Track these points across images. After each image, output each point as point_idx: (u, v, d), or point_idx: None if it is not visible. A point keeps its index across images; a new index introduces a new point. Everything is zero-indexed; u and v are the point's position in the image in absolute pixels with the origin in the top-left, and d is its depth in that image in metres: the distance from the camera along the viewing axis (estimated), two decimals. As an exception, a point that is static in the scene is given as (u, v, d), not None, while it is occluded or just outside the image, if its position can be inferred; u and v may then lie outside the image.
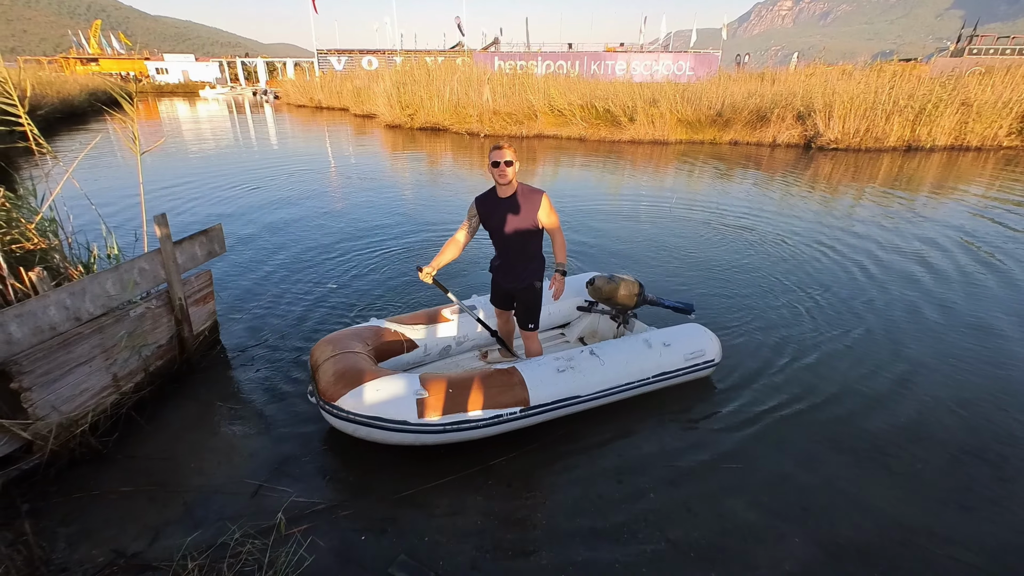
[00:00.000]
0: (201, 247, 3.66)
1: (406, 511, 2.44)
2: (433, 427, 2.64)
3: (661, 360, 3.17)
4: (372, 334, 3.26)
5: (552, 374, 2.90)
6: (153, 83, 47.55)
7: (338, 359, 2.89)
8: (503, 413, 2.74)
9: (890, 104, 13.72)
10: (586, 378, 2.95)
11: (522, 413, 2.79)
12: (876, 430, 3.04)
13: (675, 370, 3.21)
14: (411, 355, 3.40)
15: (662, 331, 3.37)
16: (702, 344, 3.33)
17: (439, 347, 3.51)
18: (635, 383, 3.11)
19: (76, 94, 24.45)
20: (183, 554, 2.10)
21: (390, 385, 2.68)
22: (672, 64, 29.63)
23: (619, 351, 3.13)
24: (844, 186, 9.82)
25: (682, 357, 3.21)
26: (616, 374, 3.04)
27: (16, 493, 2.42)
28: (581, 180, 10.40)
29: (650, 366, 3.13)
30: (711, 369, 3.38)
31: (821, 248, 6.28)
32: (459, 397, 2.70)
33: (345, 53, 38.28)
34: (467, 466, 2.71)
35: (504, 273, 3.04)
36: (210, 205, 8.02)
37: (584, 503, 2.51)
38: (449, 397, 2.68)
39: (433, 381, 2.73)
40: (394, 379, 2.72)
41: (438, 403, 2.66)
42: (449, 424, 2.66)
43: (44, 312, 2.57)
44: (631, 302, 3.42)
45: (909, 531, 2.36)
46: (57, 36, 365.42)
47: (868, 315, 4.52)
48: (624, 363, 3.08)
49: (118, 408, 2.98)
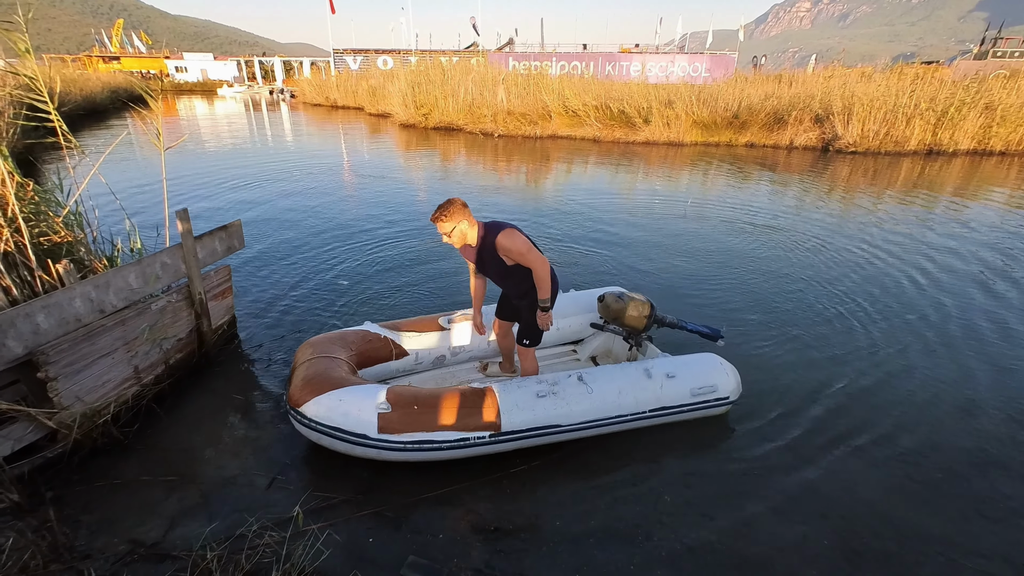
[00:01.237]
0: (221, 242, 3.71)
1: (421, 510, 2.45)
2: (393, 444, 2.50)
3: (662, 393, 2.82)
4: (359, 338, 3.15)
5: (530, 399, 2.66)
6: (173, 81, 48.30)
7: (312, 363, 2.79)
8: (470, 437, 2.54)
9: (911, 107, 13.49)
10: (569, 407, 2.68)
11: (492, 439, 2.58)
12: (906, 445, 2.97)
13: (678, 406, 2.86)
14: (400, 363, 3.25)
15: (669, 359, 3.05)
16: (714, 378, 2.92)
17: (432, 356, 3.36)
18: (628, 417, 2.79)
19: (98, 92, 24.94)
20: (202, 544, 2.13)
21: (354, 396, 2.56)
22: (688, 65, 29.43)
23: (612, 379, 2.82)
24: (870, 189, 9.66)
25: (688, 391, 2.85)
26: (605, 405, 2.74)
27: (41, 480, 2.47)
28: (595, 181, 10.36)
29: (648, 399, 2.80)
30: (725, 408, 3.00)
31: (864, 254, 6.08)
32: (424, 415, 2.53)
33: (361, 53, 38.58)
34: (486, 471, 2.67)
35: (501, 303, 3.16)
36: (227, 201, 8.13)
37: (598, 504, 2.51)
38: (413, 414, 2.52)
39: (400, 395, 2.58)
40: (359, 390, 2.60)
41: (401, 419, 2.50)
42: (410, 443, 2.50)
43: (70, 304, 2.63)
44: (640, 324, 3.15)
45: (930, 540, 2.32)
46: (80, 35, 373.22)
47: (926, 331, 4.28)
48: (616, 393, 2.76)
49: (139, 399, 3.03)
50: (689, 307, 4.70)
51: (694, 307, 4.71)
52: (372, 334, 3.20)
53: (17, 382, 2.58)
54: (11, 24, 2.99)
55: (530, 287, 2.75)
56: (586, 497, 2.55)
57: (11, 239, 2.74)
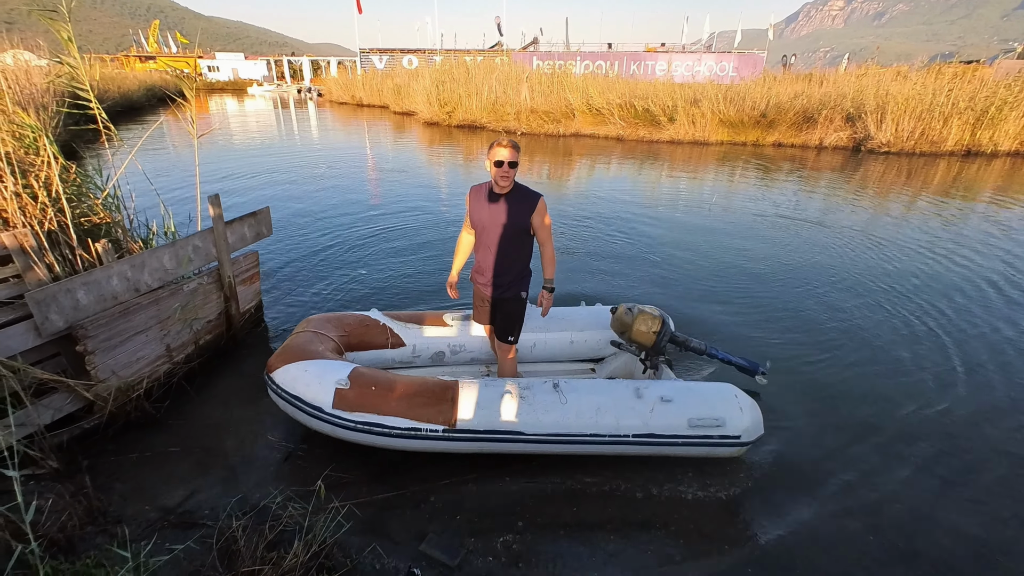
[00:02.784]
0: (250, 228, 3.80)
1: (441, 492, 2.48)
2: (345, 422, 2.45)
3: (650, 418, 2.46)
4: (356, 322, 3.15)
5: (493, 399, 2.47)
6: (205, 80, 49.63)
7: (299, 336, 2.86)
8: (422, 428, 2.42)
9: (948, 106, 13.04)
10: (535, 415, 2.44)
11: (445, 433, 2.43)
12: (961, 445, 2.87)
13: (670, 436, 2.48)
14: (396, 352, 3.21)
15: (672, 383, 2.67)
16: (721, 410, 2.49)
17: (431, 351, 3.27)
18: (606, 438, 2.47)
19: (135, 90, 25.77)
20: (228, 513, 2.19)
21: (319, 369, 2.56)
22: (715, 65, 28.98)
23: (592, 393, 2.54)
24: (915, 190, 9.37)
25: (685, 421, 2.46)
26: (579, 421, 2.45)
27: (78, 449, 2.58)
28: (618, 179, 10.29)
29: (633, 422, 2.46)
30: (736, 449, 2.56)
31: (925, 260, 5.74)
32: (378, 397, 2.45)
33: (387, 52, 39.04)
34: (511, 457, 2.64)
35: (487, 280, 2.73)
36: (255, 191, 8.39)
37: (620, 492, 2.52)
38: (368, 394, 2.45)
39: (362, 375, 2.54)
40: (328, 364, 2.60)
41: (356, 398, 2.44)
42: (360, 423, 2.44)
43: (108, 281, 2.73)
44: (648, 341, 2.78)
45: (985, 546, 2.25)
46: (119, 36, 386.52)
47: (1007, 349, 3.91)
48: (594, 409, 2.47)
49: (170, 377, 3.13)
50: (724, 324, 4.25)
51: (729, 324, 4.25)
52: (372, 320, 3.20)
53: (58, 355, 2.70)
54: (55, 14, 3.12)
55: (523, 268, 2.70)
56: (613, 485, 2.55)
57: (55, 219, 2.87)
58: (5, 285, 2.60)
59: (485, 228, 2.62)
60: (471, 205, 2.65)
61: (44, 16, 3.10)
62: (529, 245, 2.70)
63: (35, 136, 3.05)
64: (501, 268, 2.66)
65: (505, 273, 2.67)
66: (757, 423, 2.53)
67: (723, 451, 2.56)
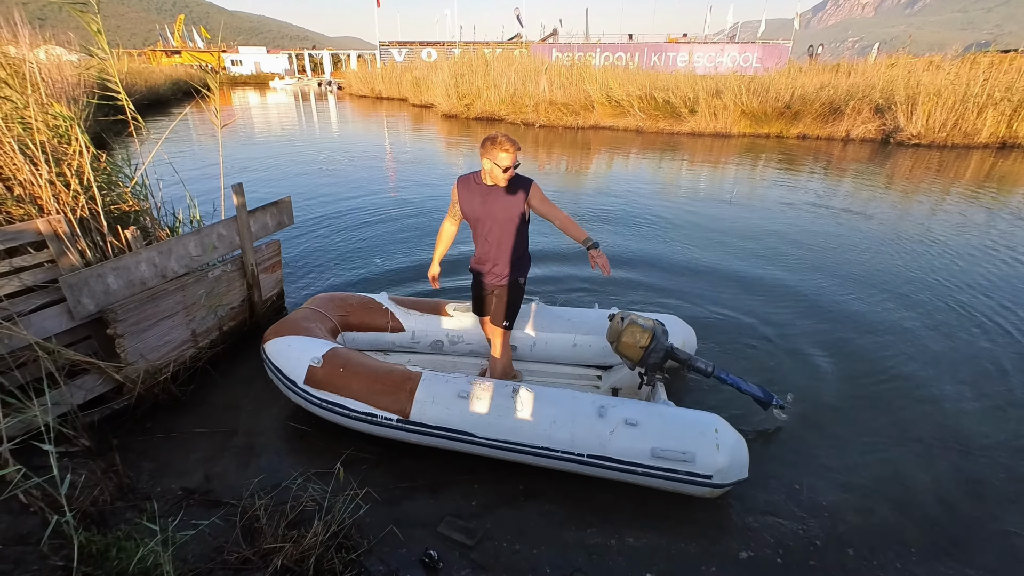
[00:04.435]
0: (272, 217, 3.87)
1: (459, 475, 2.51)
2: (313, 398, 2.55)
3: (608, 441, 2.26)
4: (359, 303, 3.25)
5: (450, 395, 2.43)
6: (228, 74, 50.40)
7: (298, 311, 3.07)
8: (378, 415, 2.46)
9: (983, 97, 12.57)
10: (488, 418, 2.37)
11: (399, 423, 2.45)
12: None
13: (631, 463, 2.25)
14: (395, 336, 3.26)
15: (644, 404, 2.42)
16: (692, 444, 2.21)
17: (429, 339, 3.29)
18: (559, 454, 2.31)
19: (161, 83, 26.31)
20: (251, 493, 2.26)
21: (301, 344, 2.70)
22: (738, 55, 28.34)
23: (551, 403, 2.39)
24: (966, 184, 9.11)
25: (648, 449, 2.22)
26: (532, 431, 2.33)
27: (108, 429, 2.67)
28: (637, 172, 10.18)
29: (589, 441, 2.28)
30: (708, 490, 2.25)
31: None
32: (345, 379, 2.52)
33: (406, 45, 39.13)
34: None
35: (487, 269, 2.72)
36: (277, 181, 8.55)
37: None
38: (336, 375, 2.52)
39: (336, 355, 2.62)
40: (311, 341, 2.73)
41: (325, 376, 2.53)
42: (324, 401, 2.52)
43: (136, 267, 2.81)
44: (634, 356, 2.60)
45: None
46: (145, 31, 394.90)
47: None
48: (550, 421, 2.33)
49: (196, 361, 3.22)
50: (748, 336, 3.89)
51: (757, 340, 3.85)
52: (376, 303, 3.28)
53: (89, 338, 2.80)
54: (84, 6, 3.20)
55: (521, 255, 2.70)
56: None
57: (86, 206, 2.96)
58: (40, 270, 2.70)
59: (480, 220, 2.59)
60: (461, 197, 2.60)
61: (75, 9, 3.18)
62: (525, 232, 2.69)
63: (67, 126, 3.14)
64: (500, 256, 2.66)
65: (503, 261, 2.67)
66: (738, 464, 2.22)
67: (692, 490, 2.27)
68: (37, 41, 11.71)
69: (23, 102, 3.10)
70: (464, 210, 2.62)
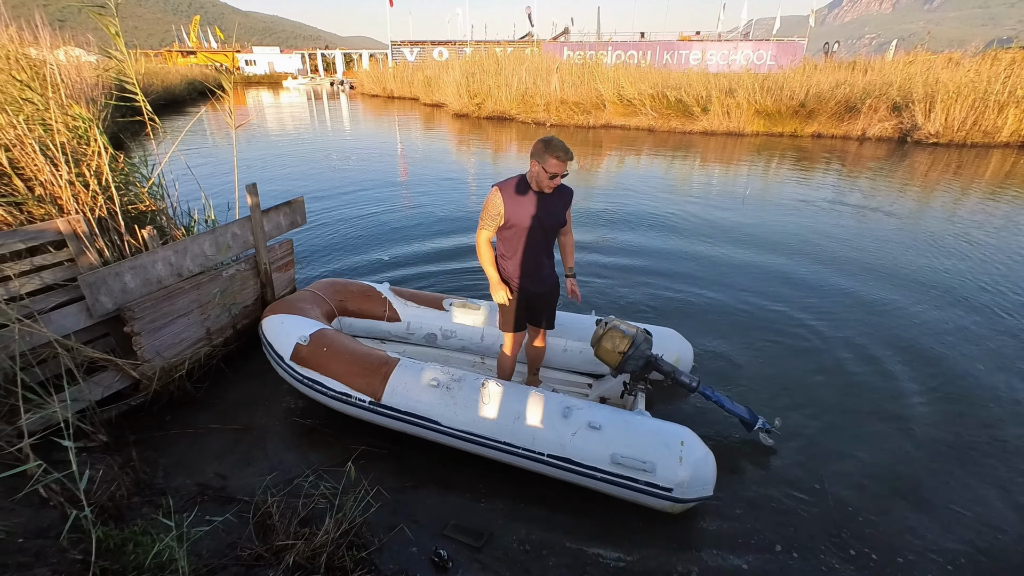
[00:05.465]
0: (285, 217, 3.91)
1: (468, 473, 2.52)
2: (297, 375, 2.67)
3: (570, 442, 2.23)
4: (359, 291, 3.39)
5: (422, 384, 2.47)
6: (242, 74, 50.92)
7: (298, 293, 3.21)
8: (352, 395, 2.54)
9: (1004, 94, 12.30)
10: (455, 409, 2.40)
11: (371, 405, 2.52)
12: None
13: (590, 468, 2.21)
14: (391, 326, 3.35)
15: (614, 411, 2.35)
16: (654, 454, 2.13)
17: (424, 331, 3.34)
18: (520, 450, 2.31)
19: (177, 83, 26.65)
20: (263, 489, 2.28)
21: (293, 323, 2.83)
22: (752, 53, 28.03)
23: (517, 400, 2.38)
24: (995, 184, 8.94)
25: (608, 455, 2.17)
26: (495, 426, 2.34)
27: (125, 425, 2.72)
28: (648, 173, 10.12)
29: (549, 441, 2.26)
30: (669, 504, 2.17)
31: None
32: (326, 358, 2.63)
33: (417, 44, 39.24)
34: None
35: (533, 278, 2.59)
36: (290, 181, 8.63)
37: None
38: (319, 353, 2.64)
39: (323, 335, 2.73)
40: (302, 320, 2.86)
41: (309, 354, 2.65)
42: (306, 378, 2.65)
43: (153, 266, 2.86)
44: (611, 361, 2.57)
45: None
46: (162, 32, 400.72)
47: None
48: (513, 417, 2.32)
49: (210, 359, 3.27)
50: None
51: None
52: (375, 291, 3.38)
53: (107, 335, 2.85)
54: (103, 8, 3.25)
55: (552, 253, 2.66)
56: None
57: (104, 206, 3.01)
58: (60, 268, 2.76)
59: (526, 228, 2.45)
60: (507, 205, 2.42)
61: (93, 12, 3.24)
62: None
63: (86, 127, 3.20)
64: (546, 262, 2.60)
65: (550, 264, 2.64)
66: (702, 480, 2.13)
67: (651, 502, 2.19)
68: (57, 42, 11.93)
69: (44, 104, 3.17)
70: (511, 218, 2.44)
